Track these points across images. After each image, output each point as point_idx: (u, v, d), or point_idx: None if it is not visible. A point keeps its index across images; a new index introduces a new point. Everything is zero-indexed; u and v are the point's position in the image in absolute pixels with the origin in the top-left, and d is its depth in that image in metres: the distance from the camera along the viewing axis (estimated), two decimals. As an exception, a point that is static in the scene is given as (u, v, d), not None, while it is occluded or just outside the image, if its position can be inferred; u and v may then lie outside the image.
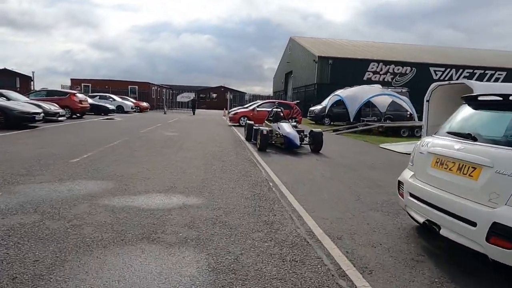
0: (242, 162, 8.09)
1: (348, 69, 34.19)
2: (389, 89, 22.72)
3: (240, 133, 14.54)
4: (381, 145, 12.86)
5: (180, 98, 40.47)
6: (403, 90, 24.79)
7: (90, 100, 24.05)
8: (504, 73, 36.51)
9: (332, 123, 25.73)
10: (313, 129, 10.29)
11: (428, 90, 12.67)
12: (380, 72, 35.72)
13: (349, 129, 18.62)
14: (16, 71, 39.59)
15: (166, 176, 6.30)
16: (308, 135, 10.21)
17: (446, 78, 36.07)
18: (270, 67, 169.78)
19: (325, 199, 5.24)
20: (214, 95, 67.43)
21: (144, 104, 34.81)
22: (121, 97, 32.15)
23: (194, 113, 33.03)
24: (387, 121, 23.24)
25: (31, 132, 11.78)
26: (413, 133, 17.94)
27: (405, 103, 20.89)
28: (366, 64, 35.40)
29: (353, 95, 20.80)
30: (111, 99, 29.70)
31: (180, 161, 7.84)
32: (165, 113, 32.34)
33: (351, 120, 20.26)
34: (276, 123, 10.70)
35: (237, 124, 19.53)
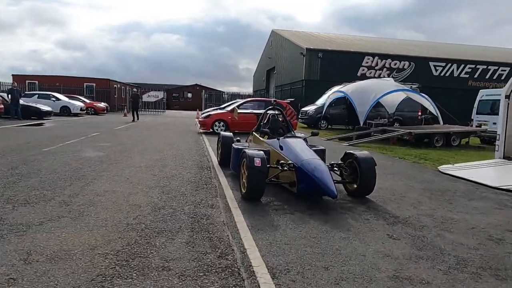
0: (208, 270, 2.92)
1: (340, 64, 29.88)
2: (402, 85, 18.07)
3: (213, 149, 9.43)
4: (441, 169, 8.03)
5: (147, 97, 34.72)
6: (413, 86, 20.25)
7: (21, 101, 18.32)
8: (507, 69, 33.24)
9: (329, 126, 21.00)
10: (353, 152, 5.20)
11: (510, 81, 7.84)
12: (376, 67, 31.54)
13: (362, 136, 13.80)
14: None
15: None
16: (343, 165, 5.15)
17: (447, 74, 32.62)
18: (245, 68, 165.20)
19: None
20: (189, 95, 61.67)
21: (100, 105, 28.93)
22: (69, 96, 26.24)
23: (134, 118, 21.17)
24: (396, 124, 18.74)
25: None
26: (449, 142, 13.33)
27: (429, 102, 16.31)
28: (360, 57, 31.11)
29: (362, 91, 16.02)
30: (53, 99, 23.79)
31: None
32: (125, 115, 26.67)
33: (361, 124, 15.46)
34: (276, 140, 5.62)
35: (210, 131, 14.33)
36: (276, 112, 6.73)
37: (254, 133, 6.59)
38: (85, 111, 25.60)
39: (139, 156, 7.97)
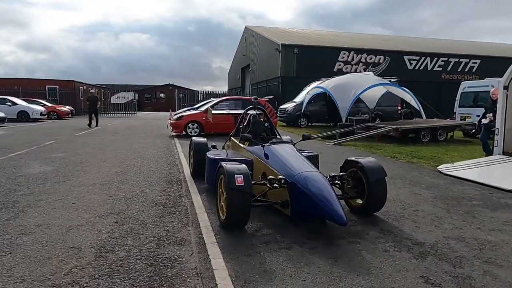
0: None
1: (316, 59, 29.33)
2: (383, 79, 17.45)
3: (185, 155, 8.25)
4: (442, 169, 7.22)
5: (116, 99, 32.83)
6: (392, 80, 19.75)
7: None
8: (478, 61, 33.85)
9: (309, 123, 20.18)
10: (357, 159, 4.16)
11: (508, 71, 7.17)
12: (352, 62, 31.19)
13: (346, 134, 12.97)
14: None
15: None
16: (345, 177, 4.09)
17: (421, 68, 32.78)
18: (218, 66, 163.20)
19: None
20: (162, 95, 59.57)
21: (64, 108, 26.84)
22: (28, 100, 24.12)
23: (91, 123, 17.65)
24: (377, 120, 18.18)
25: None
26: (436, 137, 12.73)
27: (410, 95, 15.74)
28: (336, 53, 30.65)
29: (343, 86, 15.22)
30: (9, 103, 21.71)
31: None
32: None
33: (343, 121, 14.66)
34: (259, 146, 4.54)
35: (183, 133, 13.09)
36: (257, 112, 5.65)
37: (232, 138, 5.49)
38: (46, 116, 23.58)
39: (96, 169, 6.68)
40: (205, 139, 6.06)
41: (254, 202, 3.79)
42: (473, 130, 13.84)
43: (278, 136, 5.30)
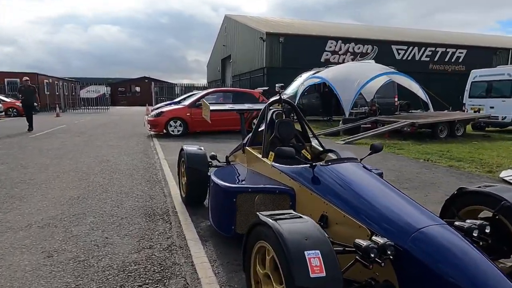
0: None
1: (302, 49, 27.75)
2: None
3: (170, 164, 6.26)
4: (506, 178, 5.60)
5: (86, 93, 29.95)
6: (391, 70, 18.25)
7: None
8: (464, 51, 33.36)
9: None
10: (494, 189, 2.22)
11: None
12: (339, 52, 29.78)
13: (352, 131, 11.29)
14: None
15: None
16: (486, 224, 2.16)
17: (409, 58, 31.89)
18: (194, 59, 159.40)
19: None
20: (137, 89, 56.32)
21: (25, 104, 23.86)
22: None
23: (31, 127, 12.37)
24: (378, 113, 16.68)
25: None
26: (453, 131, 11.24)
27: (417, 85, 14.24)
28: (324, 42, 29.13)
29: (344, 76, 13.49)
30: (-42, 99, 18.78)
31: None
32: (57, 116, 22.14)
33: (347, 115, 12.98)
34: (307, 168, 2.64)
35: (164, 132, 11.02)
36: (282, 108, 3.78)
37: (248, 148, 3.55)
38: (3, 113, 20.74)
39: (40, 193, 4.60)
40: (202, 149, 4.11)
41: None
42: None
43: (322, 147, 3.45)
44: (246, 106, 4.81)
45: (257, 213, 1.87)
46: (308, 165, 2.66)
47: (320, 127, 13.47)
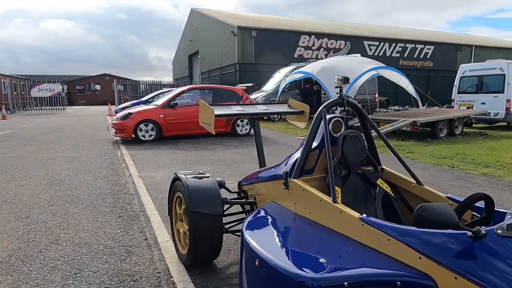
0: None
1: (275, 44, 26.72)
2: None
3: (148, 187, 4.70)
4: None
5: (37, 92, 26.88)
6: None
7: None
8: (432, 47, 33.97)
9: (283, 116, 17.21)
10: None
11: None
12: (313, 48, 29.03)
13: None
14: None
15: None
16: None
17: (380, 54, 31.82)
18: (156, 56, 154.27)
19: None
20: (97, 87, 52.73)
21: (-36, 105, 20.82)
22: None
23: None
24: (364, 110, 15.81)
25: None
26: (452, 131, 10.45)
27: (408, 81, 13.42)
28: (297, 37, 28.25)
29: (332, 71, 12.30)
30: None
31: None
32: (4, 118, 19.37)
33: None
34: (463, 235, 1.27)
35: (132, 137, 9.29)
36: (343, 114, 2.42)
37: (298, 183, 2.11)
38: None
39: None
40: (209, 176, 2.62)
41: None
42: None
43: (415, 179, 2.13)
44: (261, 108, 3.39)
45: None
46: (468, 232, 1.30)
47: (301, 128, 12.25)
